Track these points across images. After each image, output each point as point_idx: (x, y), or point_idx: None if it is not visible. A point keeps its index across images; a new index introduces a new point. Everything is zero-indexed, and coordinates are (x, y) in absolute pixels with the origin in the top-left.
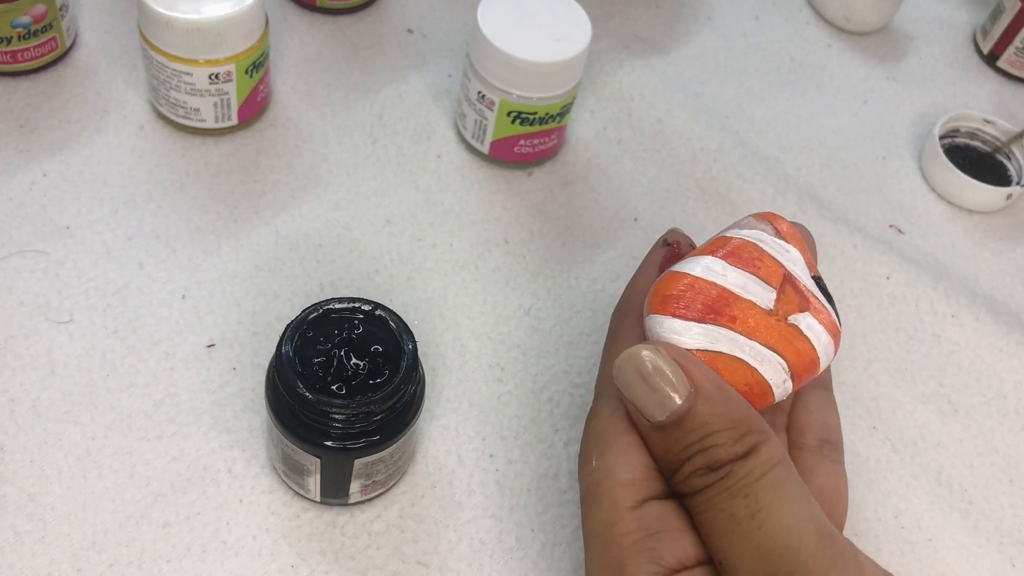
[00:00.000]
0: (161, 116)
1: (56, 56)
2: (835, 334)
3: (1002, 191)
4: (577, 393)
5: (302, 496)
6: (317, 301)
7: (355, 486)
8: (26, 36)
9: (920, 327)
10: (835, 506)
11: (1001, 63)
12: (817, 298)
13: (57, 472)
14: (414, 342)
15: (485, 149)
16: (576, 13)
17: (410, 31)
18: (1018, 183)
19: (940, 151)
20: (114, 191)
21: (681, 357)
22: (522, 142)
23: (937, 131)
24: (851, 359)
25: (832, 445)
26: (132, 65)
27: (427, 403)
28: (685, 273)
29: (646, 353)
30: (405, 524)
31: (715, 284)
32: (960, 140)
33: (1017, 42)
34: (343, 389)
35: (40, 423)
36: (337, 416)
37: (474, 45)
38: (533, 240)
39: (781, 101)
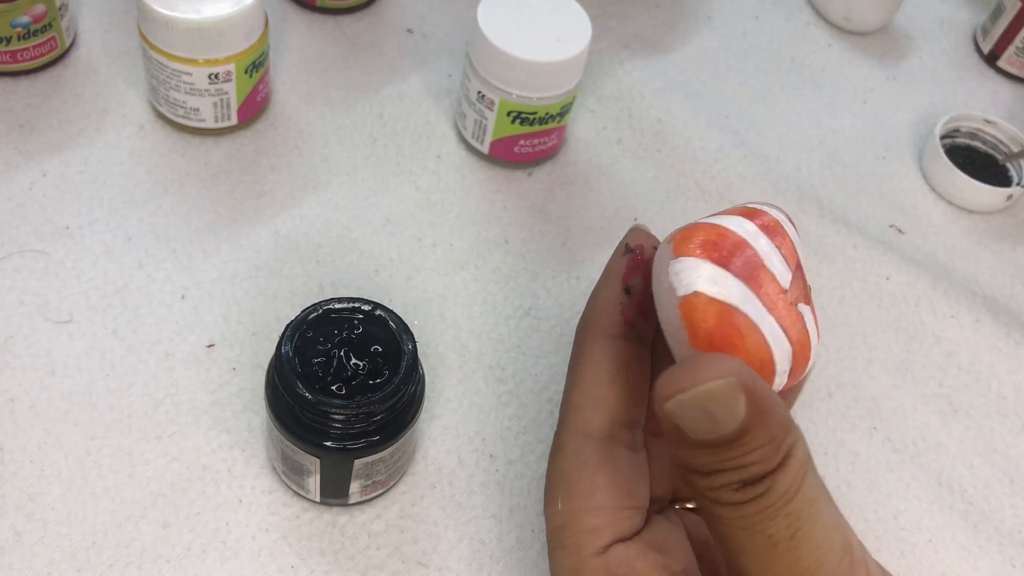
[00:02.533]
0: (161, 116)
1: (56, 56)
2: (814, 344)
3: (1003, 192)
4: None
5: (302, 496)
6: (317, 301)
7: (355, 486)
8: (26, 36)
9: (920, 327)
10: None
11: (1001, 63)
12: (812, 300)
13: (57, 472)
14: (414, 342)
15: (485, 149)
16: (576, 13)
17: (410, 31)
18: (1018, 183)
19: (941, 152)
20: (114, 191)
21: (749, 378)
22: (522, 142)
23: (938, 131)
24: (851, 359)
25: None
26: (132, 65)
27: (427, 403)
28: (721, 226)
29: (723, 389)
30: (405, 524)
31: (748, 244)
32: (961, 140)
33: (1017, 42)
34: (343, 389)
35: (40, 423)
36: (337, 416)
37: (474, 45)
38: (533, 240)
39: (781, 101)
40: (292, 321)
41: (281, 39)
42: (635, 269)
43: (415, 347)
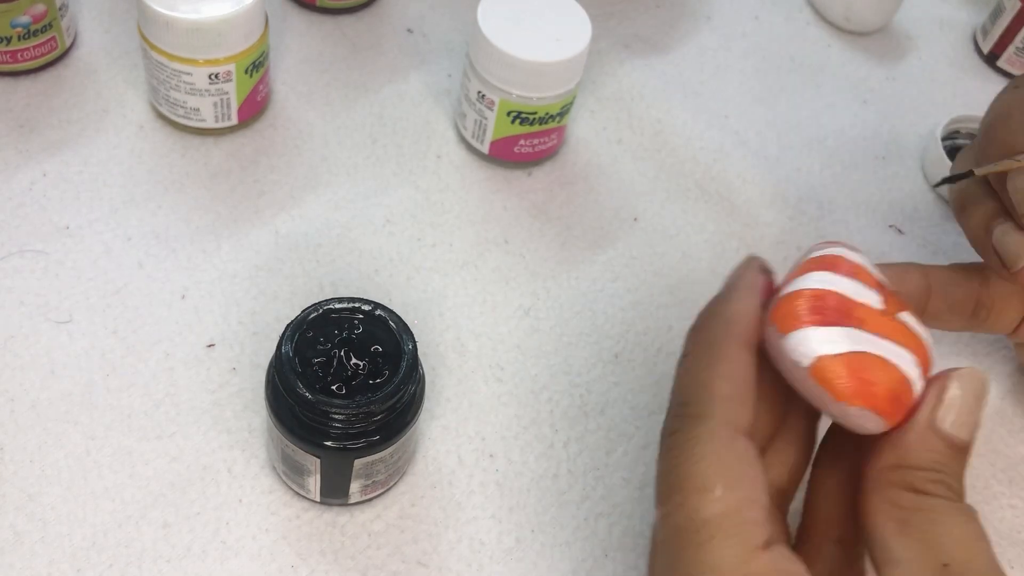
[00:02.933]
0: (161, 116)
1: (56, 56)
2: (927, 340)
3: None
4: (576, 393)
5: (302, 496)
6: (317, 301)
7: (355, 486)
8: (26, 36)
9: None
10: None
11: (1001, 63)
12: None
13: (57, 472)
14: (414, 342)
15: (485, 149)
16: (576, 13)
17: (410, 31)
18: None
19: (944, 155)
20: (114, 191)
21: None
22: (522, 142)
23: (939, 134)
24: None
25: None
26: (132, 65)
27: (427, 403)
28: (802, 289)
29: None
30: (405, 524)
31: (833, 292)
32: (961, 142)
33: (1017, 42)
34: (343, 389)
35: (40, 423)
36: (337, 416)
37: (474, 45)
38: (533, 240)
39: (781, 101)
40: (292, 321)
41: (281, 39)
42: (769, 291)
43: (415, 347)
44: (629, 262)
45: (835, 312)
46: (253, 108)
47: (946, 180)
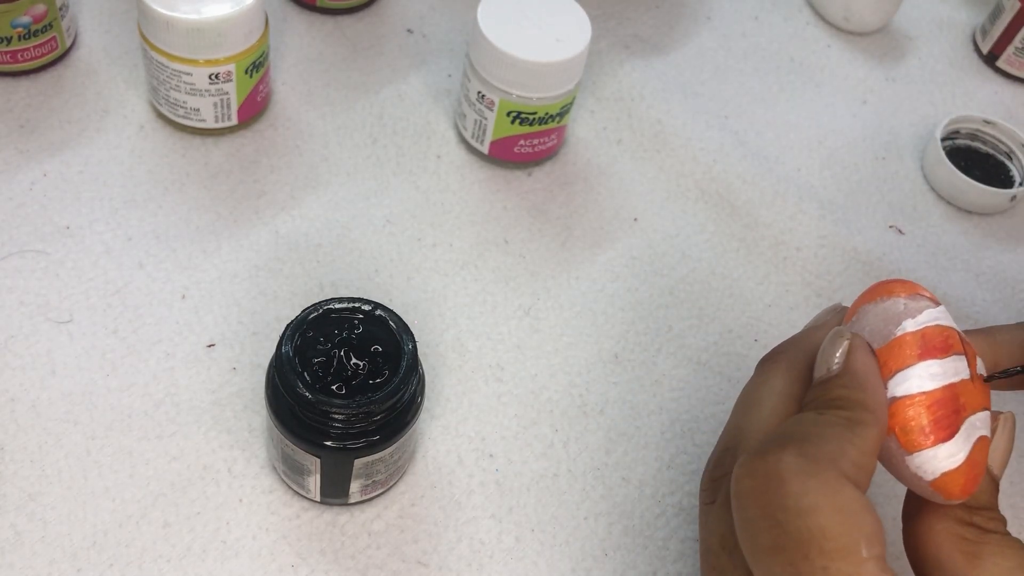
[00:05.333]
0: (161, 116)
1: (56, 56)
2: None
3: (1007, 193)
4: (576, 393)
5: (302, 496)
6: (317, 301)
7: (355, 486)
8: (26, 36)
9: None
10: None
11: (1001, 63)
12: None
13: (57, 472)
14: (414, 342)
15: (485, 149)
16: (576, 13)
17: (410, 31)
18: (1021, 184)
19: (943, 156)
20: (114, 191)
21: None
22: (522, 142)
23: (938, 134)
24: None
25: None
26: (132, 65)
27: (427, 403)
28: (920, 395)
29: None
30: (405, 524)
31: (946, 388)
32: (961, 142)
33: (1016, 42)
34: (343, 389)
35: (40, 423)
36: (337, 416)
37: (474, 45)
38: (533, 240)
39: (781, 101)
40: (292, 321)
41: (281, 39)
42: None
43: (415, 347)
44: (629, 262)
45: (952, 416)
46: (253, 108)
47: (1001, 374)
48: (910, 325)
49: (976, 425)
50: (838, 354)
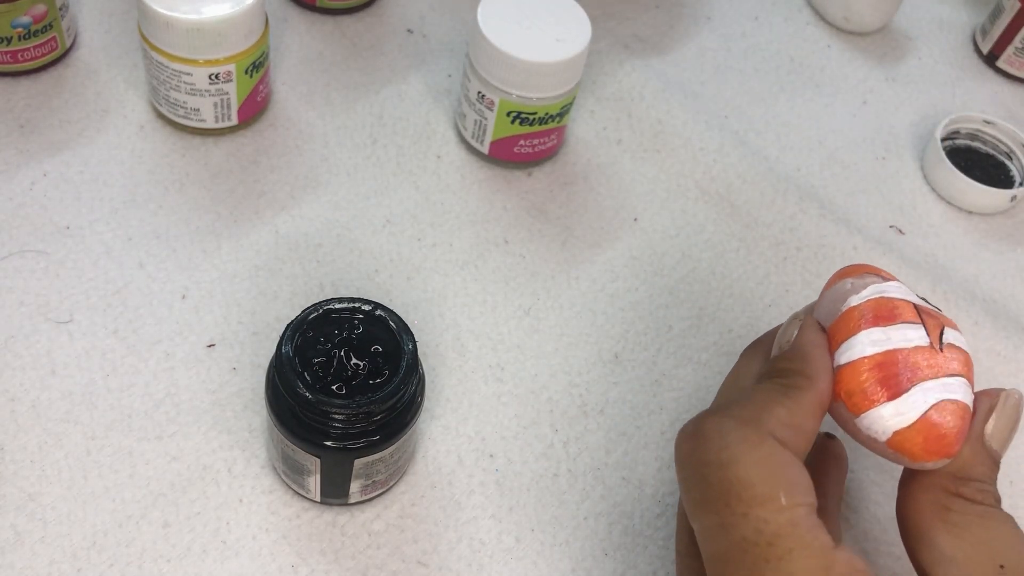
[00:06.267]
0: (161, 116)
1: (56, 56)
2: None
3: (1007, 193)
4: (576, 393)
5: (302, 496)
6: (317, 301)
7: (355, 486)
8: (26, 36)
9: None
10: None
11: (1000, 63)
12: (938, 311)
13: (57, 472)
14: (414, 342)
15: (485, 149)
16: (576, 13)
17: (410, 31)
18: (1021, 184)
19: (943, 156)
20: (114, 191)
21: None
22: (522, 142)
23: (938, 134)
24: None
25: None
26: (132, 65)
27: (427, 403)
28: (862, 359)
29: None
30: (405, 524)
31: (890, 352)
32: (961, 142)
33: (1016, 42)
34: (343, 389)
35: (40, 423)
36: (337, 416)
37: (474, 45)
38: (533, 240)
39: (781, 101)
40: (292, 321)
41: (281, 39)
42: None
43: (415, 347)
44: (629, 262)
45: (898, 377)
46: (253, 108)
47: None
48: (854, 300)
49: (934, 388)
50: (793, 335)
